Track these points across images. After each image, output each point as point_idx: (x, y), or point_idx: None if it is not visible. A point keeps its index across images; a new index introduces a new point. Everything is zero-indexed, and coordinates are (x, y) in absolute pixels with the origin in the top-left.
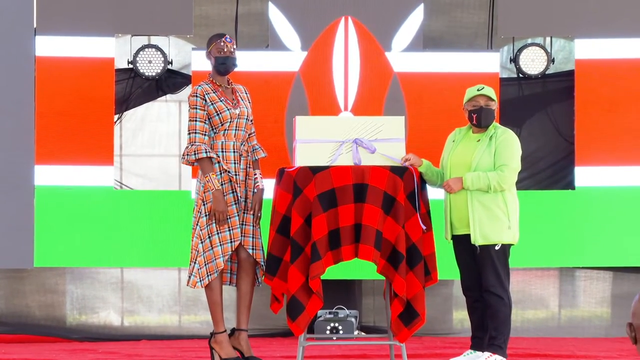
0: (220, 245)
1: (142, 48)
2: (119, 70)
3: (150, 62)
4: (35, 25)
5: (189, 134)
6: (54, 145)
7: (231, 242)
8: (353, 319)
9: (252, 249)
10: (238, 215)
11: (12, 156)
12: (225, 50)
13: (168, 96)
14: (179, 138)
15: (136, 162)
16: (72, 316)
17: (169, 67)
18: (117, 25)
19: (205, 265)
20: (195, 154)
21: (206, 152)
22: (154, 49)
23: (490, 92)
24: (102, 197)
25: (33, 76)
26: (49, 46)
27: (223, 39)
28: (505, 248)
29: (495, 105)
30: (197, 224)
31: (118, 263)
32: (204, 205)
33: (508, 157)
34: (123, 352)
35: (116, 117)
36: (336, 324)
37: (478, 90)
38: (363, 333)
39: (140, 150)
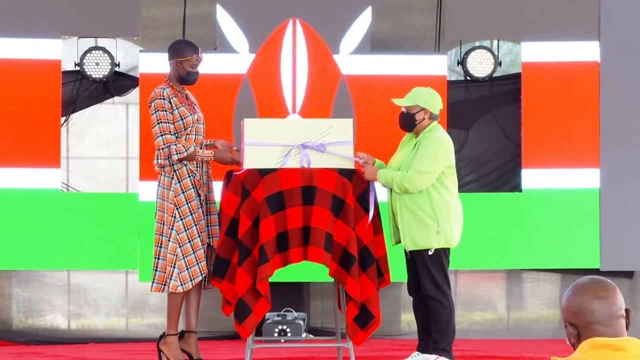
0: (201, 248)
1: (89, 50)
2: (65, 73)
3: (97, 64)
4: None
5: (162, 135)
6: (0, 147)
7: (202, 245)
8: (301, 322)
9: None
10: (204, 218)
11: None
12: (198, 65)
13: (115, 98)
14: (126, 140)
15: (83, 164)
16: (19, 319)
17: (116, 69)
18: (63, 27)
19: (187, 269)
20: (186, 150)
21: (194, 147)
22: (101, 51)
23: (409, 99)
24: (49, 200)
25: None
26: None
27: (199, 55)
28: (440, 252)
29: (417, 110)
30: (170, 229)
31: (65, 266)
32: (177, 209)
33: (418, 160)
34: (70, 356)
35: (63, 119)
36: (284, 327)
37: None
38: (311, 335)
39: (87, 152)
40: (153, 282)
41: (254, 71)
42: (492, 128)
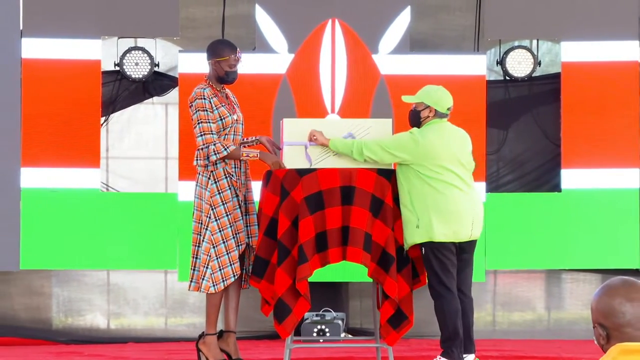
0: (237, 249)
1: (129, 50)
2: (105, 73)
3: (136, 64)
4: (21, 28)
5: (204, 134)
6: (40, 147)
7: (238, 246)
8: (340, 322)
9: None
10: (242, 218)
11: None
12: (237, 65)
13: (155, 98)
14: (165, 140)
15: (122, 164)
16: (58, 319)
17: (156, 69)
18: (103, 27)
19: (220, 270)
20: (225, 150)
21: (233, 146)
22: (140, 51)
23: (417, 96)
24: (89, 200)
25: (19, 78)
26: (35, 48)
27: (237, 55)
28: (428, 250)
29: (423, 107)
30: (205, 229)
31: (104, 265)
32: (213, 209)
33: (386, 138)
34: (109, 355)
35: (103, 119)
36: (323, 327)
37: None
38: (350, 335)
39: (126, 152)
40: (191, 281)
41: (293, 71)
42: (531, 128)
